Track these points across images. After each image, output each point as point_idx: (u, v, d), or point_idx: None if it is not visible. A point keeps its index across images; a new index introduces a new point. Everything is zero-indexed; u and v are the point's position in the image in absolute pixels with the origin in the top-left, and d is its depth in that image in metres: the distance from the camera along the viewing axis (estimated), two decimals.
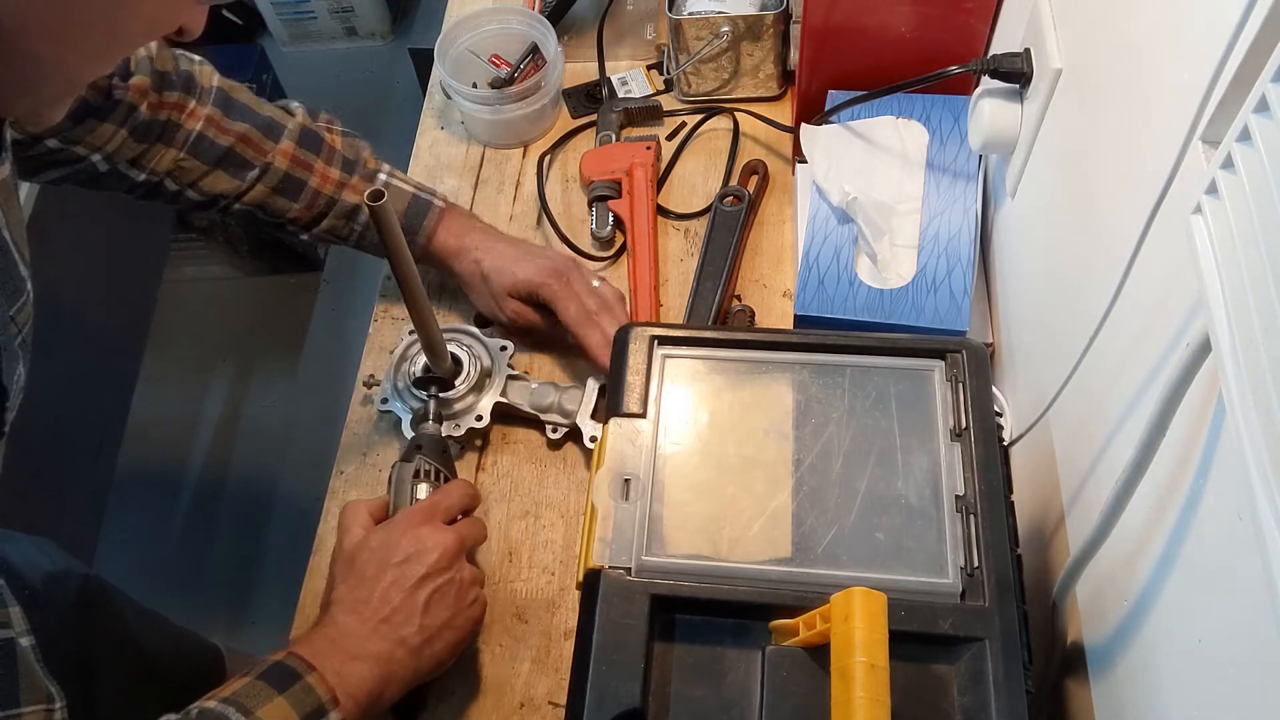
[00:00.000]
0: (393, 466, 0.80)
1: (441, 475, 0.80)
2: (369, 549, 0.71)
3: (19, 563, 0.90)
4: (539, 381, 0.91)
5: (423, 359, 0.89)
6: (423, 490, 0.78)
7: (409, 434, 0.86)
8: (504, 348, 0.91)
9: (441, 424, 0.86)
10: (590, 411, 0.87)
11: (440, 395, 0.87)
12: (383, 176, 0.92)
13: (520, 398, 0.90)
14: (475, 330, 0.93)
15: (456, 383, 0.88)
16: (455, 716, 0.78)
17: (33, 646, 0.76)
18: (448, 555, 0.71)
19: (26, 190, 1.24)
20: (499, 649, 0.80)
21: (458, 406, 0.88)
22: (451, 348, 0.88)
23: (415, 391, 0.88)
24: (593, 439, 0.85)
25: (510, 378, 0.90)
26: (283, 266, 2.12)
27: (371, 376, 0.93)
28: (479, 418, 0.88)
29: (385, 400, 0.89)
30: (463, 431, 0.87)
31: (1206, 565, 0.48)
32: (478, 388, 0.89)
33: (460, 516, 0.76)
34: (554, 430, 0.89)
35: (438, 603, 0.70)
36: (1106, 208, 0.62)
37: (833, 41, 0.93)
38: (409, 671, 0.68)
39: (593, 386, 0.88)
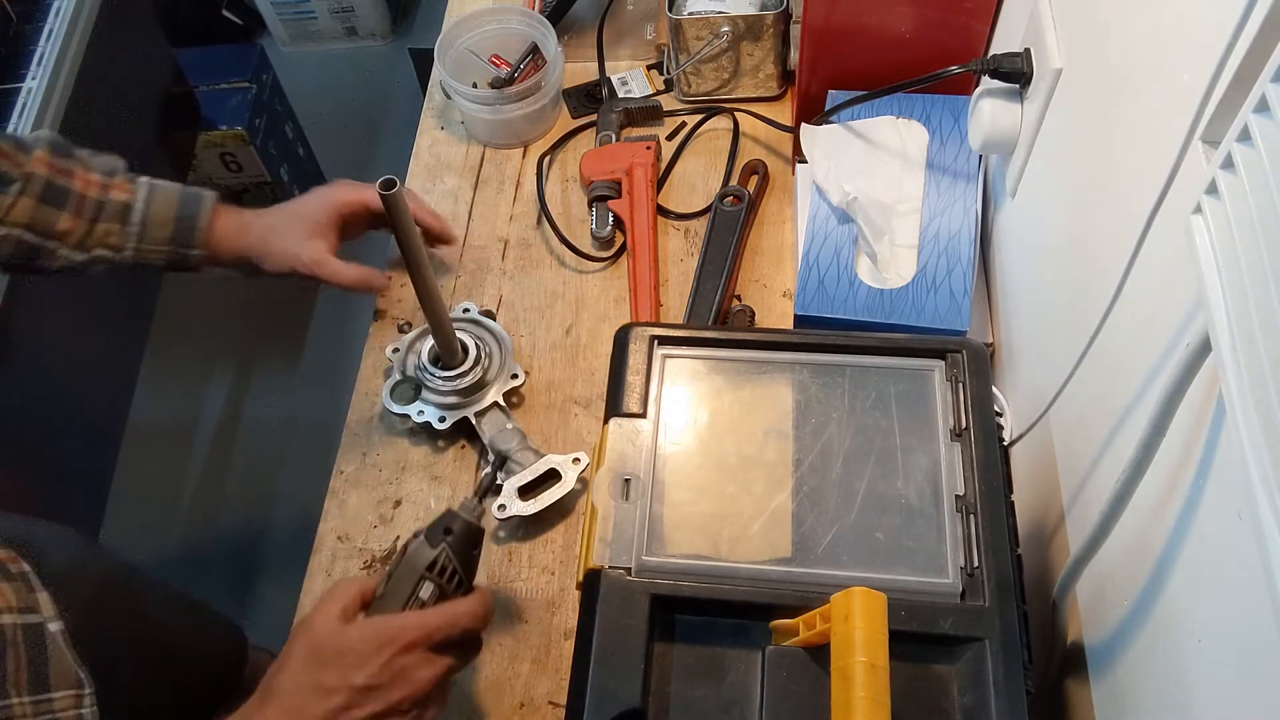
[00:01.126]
0: (411, 538, 0.67)
1: (457, 580, 0.66)
2: (339, 651, 0.61)
3: (44, 549, 0.87)
4: (514, 423, 0.89)
5: (424, 350, 0.90)
6: (427, 591, 0.64)
7: (438, 424, 0.85)
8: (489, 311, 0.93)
9: (483, 508, 0.70)
10: (520, 485, 0.83)
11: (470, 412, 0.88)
12: (145, 179, 0.87)
13: (490, 426, 0.89)
14: (484, 320, 0.94)
15: (463, 368, 0.89)
16: (455, 716, 0.78)
17: (62, 631, 0.79)
18: (416, 695, 0.61)
19: None
20: (499, 649, 0.80)
21: (456, 399, 0.88)
22: (461, 336, 0.89)
23: (437, 380, 0.89)
24: (501, 507, 0.81)
25: (508, 392, 0.91)
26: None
27: (408, 322, 0.95)
28: (469, 414, 0.87)
29: (421, 412, 0.89)
30: (447, 425, 0.87)
31: (1206, 565, 0.48)
32: (479, 386, 0.89)
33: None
34: (485, 467, 0.88)
35: None
36: (1106, 207, 0.62)
37: (833, 41, 0.93)
38: None
39: (541, 466, 0.84)
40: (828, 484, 0.62)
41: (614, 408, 0.66)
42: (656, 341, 0.69)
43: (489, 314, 0.97)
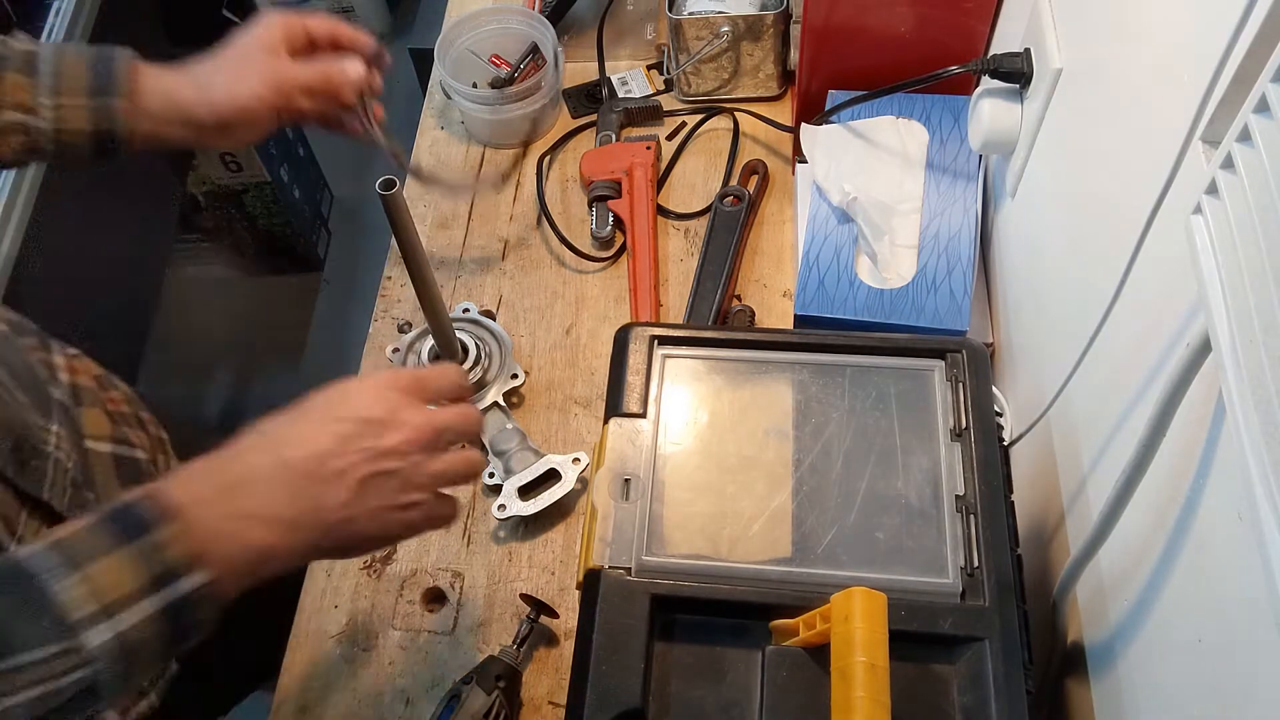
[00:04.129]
0: (461, 682, 0.74)
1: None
2: (332, 391, 0.57)
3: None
4: (514, 423, 0.89)
5: (424, 350, 0.88)
6: None
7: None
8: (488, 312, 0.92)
9: (523, 654, 0.78)
10: (520, 485, 0.84)
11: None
12: (46, 44, 0.74)
13: (490, 426, 0.89)
14: (484, 320, 0.93)
15: (463, 368, 0.88)
16: None
17: None
18: (413, 439, 0.56)
19: (27, 190, 1.24)
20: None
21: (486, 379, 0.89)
22: (461, 336, 0.88)
23: None
24: (501, 507, 0.83)
25: (508, 392, 0.90)
26: (283, 266, 2.12)
27: (408, 322, 0.94)
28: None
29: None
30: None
31: (1206, 565, 0.48)
32: (478, 386, 0.89)
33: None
34: (490, 475, 0.87)
35: (377, 487, 0.55)
36: (1106, 208, 0.62)
37: (833, 41, 0.93)
38: (309, 549, 0.55)
39: (541, 466, 0.85)
40: (828, 484, 0.62)
41: (614, 408, 0.66)
42: (656, 341, 0.69)
43: (489, 314, 0.97)
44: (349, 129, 0.81)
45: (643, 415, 0.65)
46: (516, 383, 0.91)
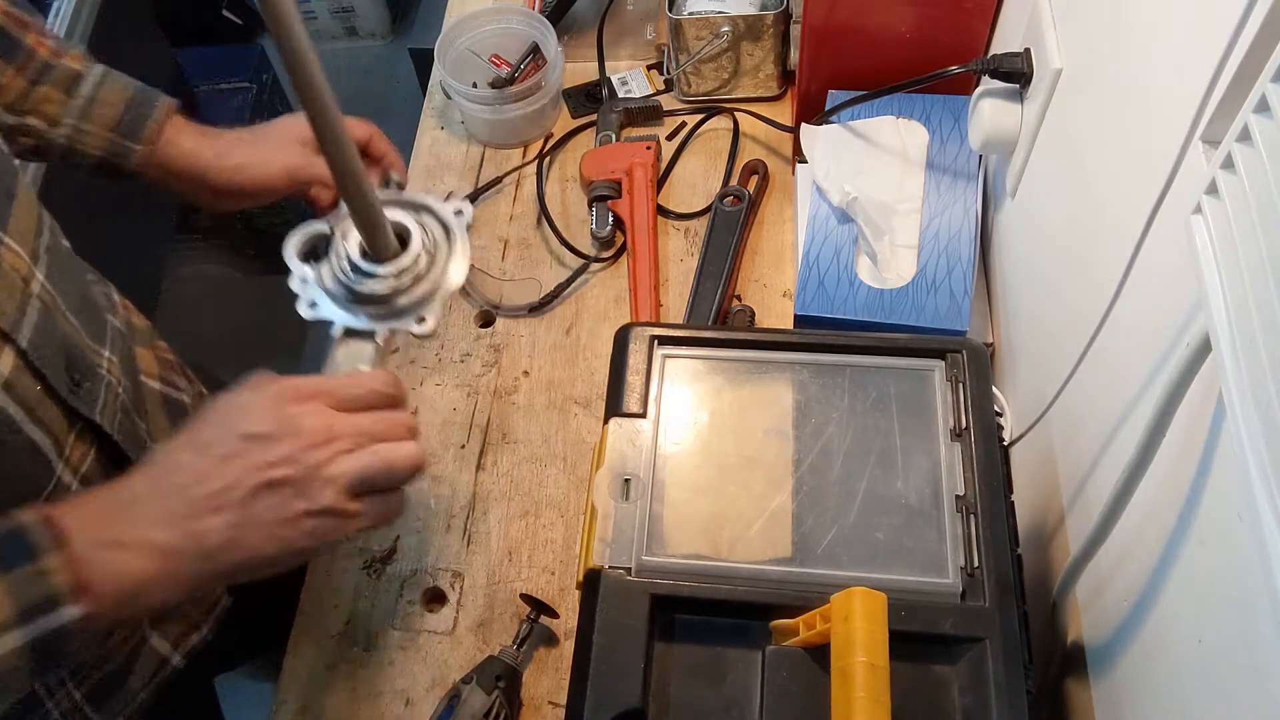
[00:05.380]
0: (461, 683, 0.75)
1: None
2: (224, 406, 0.54)
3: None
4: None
5: (351, 241, 0.61)
6: None
7: (337, 334, 0.61)
8: (459, 211, 0.64)
9: (523, 654, 0.78)
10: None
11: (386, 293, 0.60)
12: (98, 67, 0.76)
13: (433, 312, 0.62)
14: (426, 199, 0.65)
15: (404, 265, 0.60)
16: None
17: None
18: (308, 444, 0.52)
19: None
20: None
21: (404, 300, 0.61)
22: (395, 216, 0.61)
23: (352, 281, 0.61)
24: (313, 305, 0.62)
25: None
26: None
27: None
28: (420, 319, 0.61)
29: (314, 305, 0.62)
30: (431, 329, 0.61)
31: (1206, 565, 0.48)
32: (425, 275, 0.62)
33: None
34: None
35: (266, 501, 0.51)
36: (1106, 208, 0.62)
37: (833, 41, 0.93)
38: (194, 577, 0.51)
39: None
40: (828, 484, 0.62)
41: (614, 408, 0.66)
42: (656, 341, 0.69)
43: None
44: None
45: (643, 415, 0.65)
46: (465, 219, 0.64)
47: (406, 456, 0.55)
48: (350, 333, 0.60)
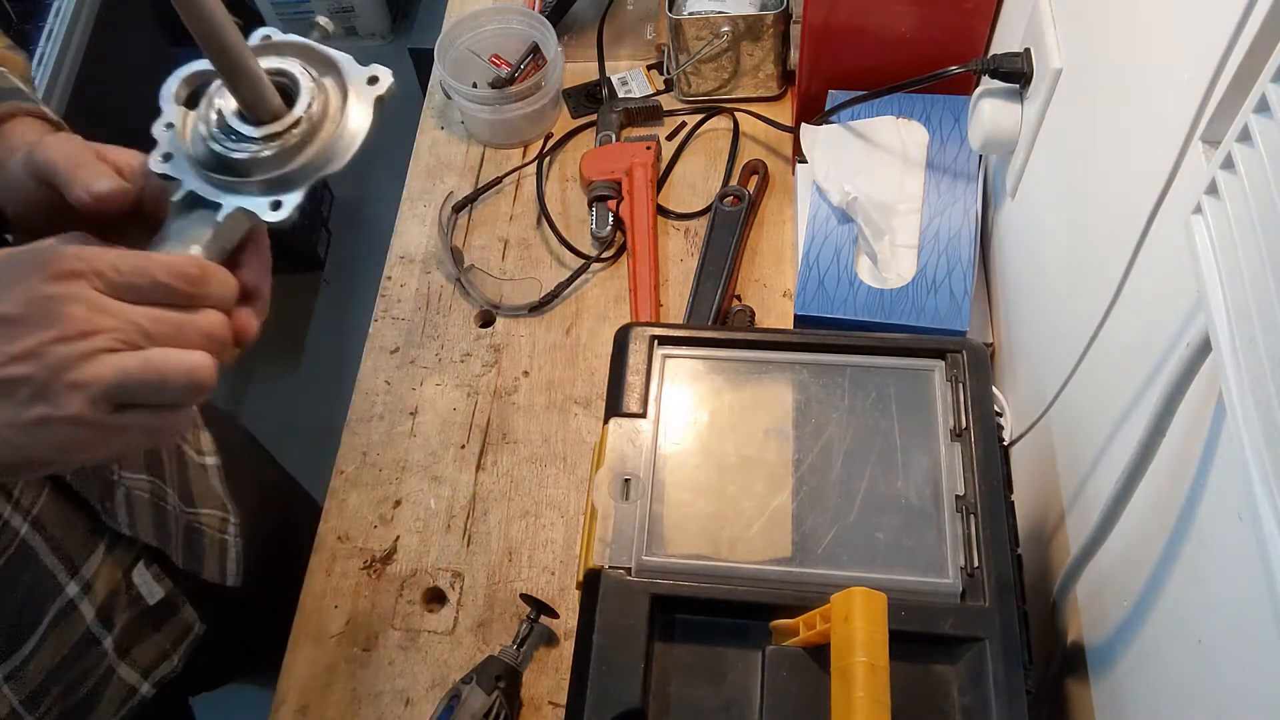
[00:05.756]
0: (461, 682, 0.75)
1: None
2: None
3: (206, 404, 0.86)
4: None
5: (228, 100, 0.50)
6: None
7: (177, 198, 0.50)
8: (373, 79, 0.53)
9: (523, 654, 0.78)
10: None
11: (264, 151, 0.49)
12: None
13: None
14: (337, 56, 0.54)
15: (274, 130, 0.49)
16: None
17: (217, 466, 0.84)
18: (60, 337, 0.42)
19: None
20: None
21: (263, 175, 0.50)
22: (271, 63, 0.51)
23: (211, 139, 0.50)
24: (167, 157, 0.50)
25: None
26: (283, 266, 2.11)
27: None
28: (276, 204, 0.50)
29: (168, 157, 0.51)
30: (298, 203, 0.50)
31: (1206, 565, 0.48)
32: (300, 150, 0.50)
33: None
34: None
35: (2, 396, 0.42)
36: (1106, 207, 0.62)
37: (833, 41, 0.93)
38: None
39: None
40: (828, 484, 0.62)
41: (614, 408, 0.66)
42: (656, 341, 0.69)
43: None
44: None
45: (643, 415, 0.65)
46: (377, 89, 0.53)
47: (184, 368, 0.44)
48: (194, 201, 0.50)
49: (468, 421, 0.93)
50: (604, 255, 1.01)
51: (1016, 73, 0.77)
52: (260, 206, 0.49)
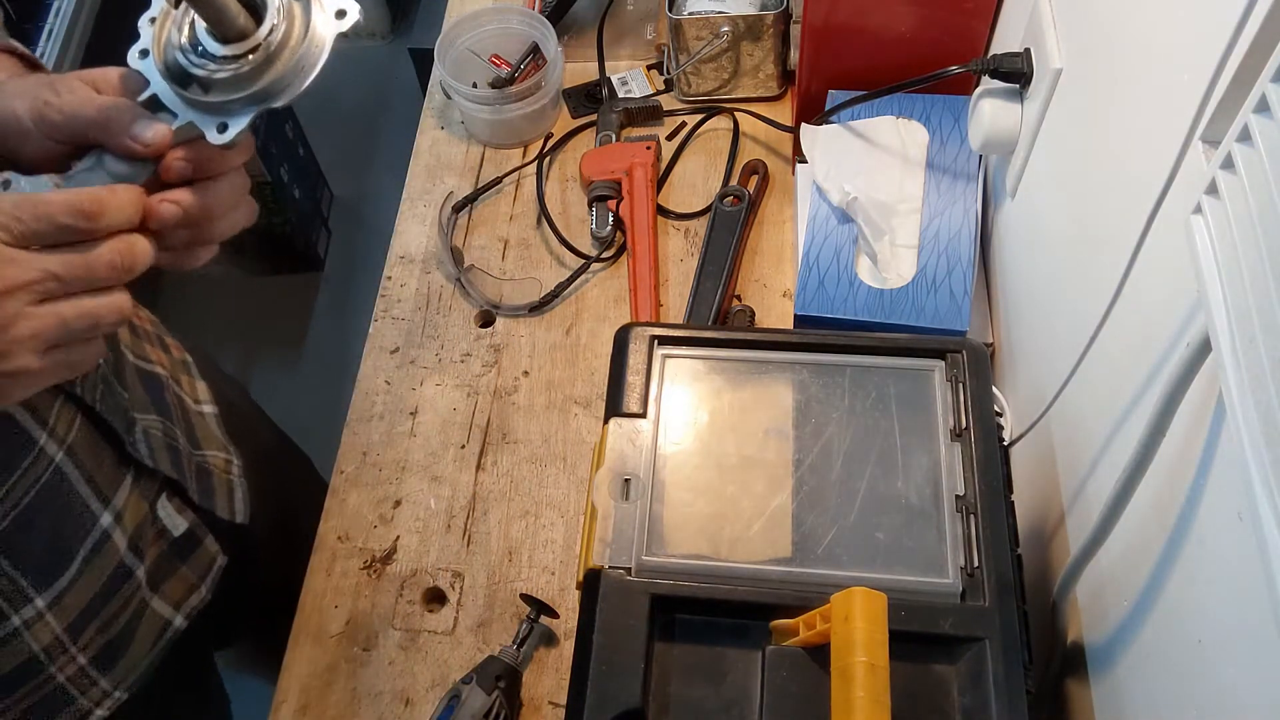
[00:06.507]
0: (461, 682, 0.75)
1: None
2: None
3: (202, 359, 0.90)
4: None
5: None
6: None
7: (141, 100, 0.50)
8: (341, 12, 0.52)
9: (523, 654, 0.78)
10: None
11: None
12: None
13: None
14: None
15: (228, 53, 0.49)
16: None
17: (215, 415, 0.86)
18: None
19: None
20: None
21: (216, 97, 0.50)
22: None
23: (187, 56, 0.50)
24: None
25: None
26: (283, 266, 2.12)
27: None
28: (223, 126, 0.50)
29: (144, 53, 0.51)
30: (242, 129, 0.50)
31: (1206, 565, 0.48)
32: (256, 74, 0.50)
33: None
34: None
35: None
36: (1107, 207, 0.62)
37: (833, 41, 0.93)
38: None
39: None
40: (828, 484, 0.62)
41: (614, 408, 0.66)
42: (656, 341, 0.69)
43: None
44: None
45: (643, 415, 0.65)
46: (343, 24, 0.52)
47: (111, 309, 0.48)
48: (157, 105, 0.51)
49: (468, 421, 0.93)
50: (604, 255, 1.01)
51: (1016, 73, 0.77)
52: (209, 126, 0.50)
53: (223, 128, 0.50)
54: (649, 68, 1.15)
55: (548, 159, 1.09)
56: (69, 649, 0.67)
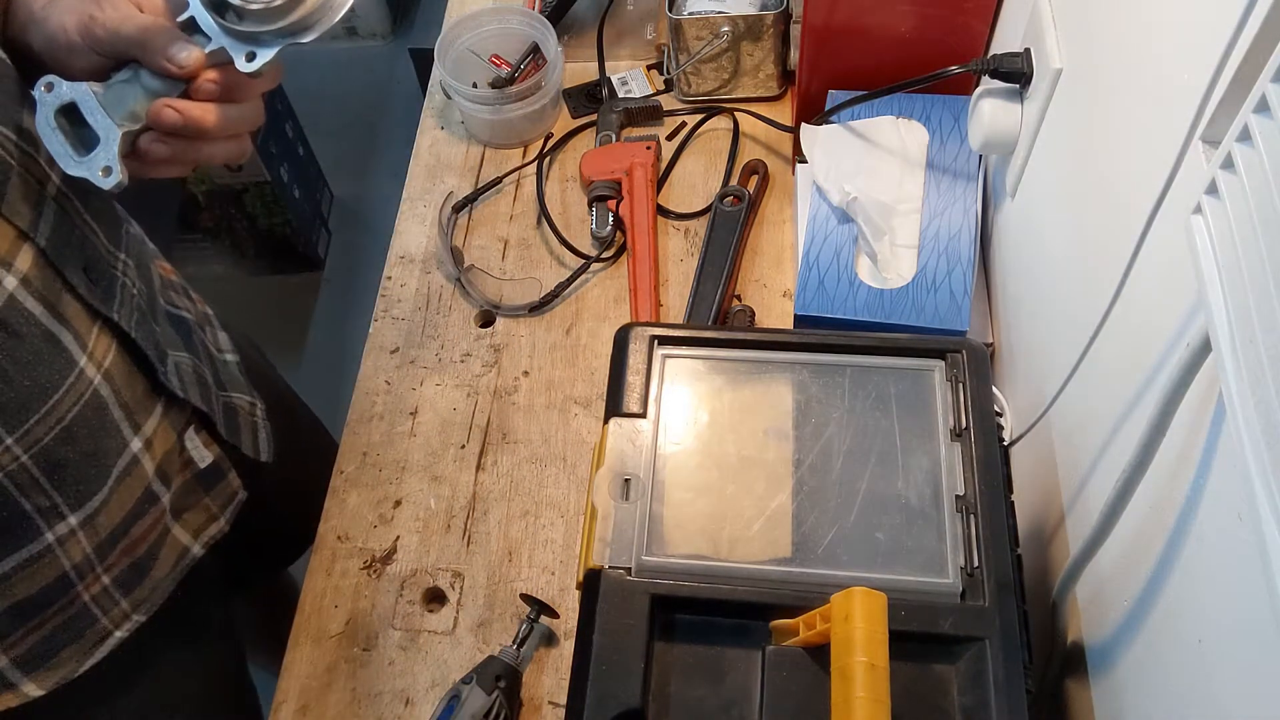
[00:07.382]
0: (461, 683, 0.75)
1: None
2: None
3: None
4: None
5: None
6: None
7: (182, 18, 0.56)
8: None
9: (523, 654, 0.78)
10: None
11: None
12: None
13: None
14: None
15: None
16: None
17: (237, 363, 0.89)
18: None
19: None
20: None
21: (247, 27, 0.56)
22: None
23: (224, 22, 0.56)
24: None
25: None
26: (283, 266, 2.12)
27: None
28: (251, 55, 0.56)
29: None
30: (269, 59, 0.56)
31: (1206, 565, 0.48)
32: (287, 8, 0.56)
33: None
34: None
35: None
36: (1106, 207, 0.62)
37: (833, 41, 0.93)
38: None
39: None
40: (828, 484, 0.62)
41: (614, 408, 0.66)
42: (656, 341, 0.69)
43: None
44: None
45: (643, 415, 0.65)
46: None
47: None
48: (194, 28, 0.56)
49: (468, 421, 0.93)
50: (604, 255, 1.01)
51: (1016, 73, 0.77)
52: (239, 53, 0.55)
53: (251, 56, 0.55)
54: (649, 68, 1.15)
55: (548, 159, 1.09)
56: (96, 568, 0.68)
